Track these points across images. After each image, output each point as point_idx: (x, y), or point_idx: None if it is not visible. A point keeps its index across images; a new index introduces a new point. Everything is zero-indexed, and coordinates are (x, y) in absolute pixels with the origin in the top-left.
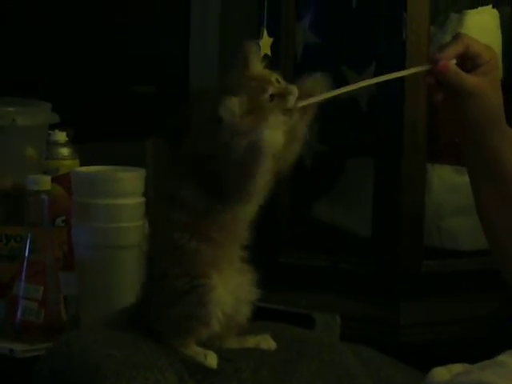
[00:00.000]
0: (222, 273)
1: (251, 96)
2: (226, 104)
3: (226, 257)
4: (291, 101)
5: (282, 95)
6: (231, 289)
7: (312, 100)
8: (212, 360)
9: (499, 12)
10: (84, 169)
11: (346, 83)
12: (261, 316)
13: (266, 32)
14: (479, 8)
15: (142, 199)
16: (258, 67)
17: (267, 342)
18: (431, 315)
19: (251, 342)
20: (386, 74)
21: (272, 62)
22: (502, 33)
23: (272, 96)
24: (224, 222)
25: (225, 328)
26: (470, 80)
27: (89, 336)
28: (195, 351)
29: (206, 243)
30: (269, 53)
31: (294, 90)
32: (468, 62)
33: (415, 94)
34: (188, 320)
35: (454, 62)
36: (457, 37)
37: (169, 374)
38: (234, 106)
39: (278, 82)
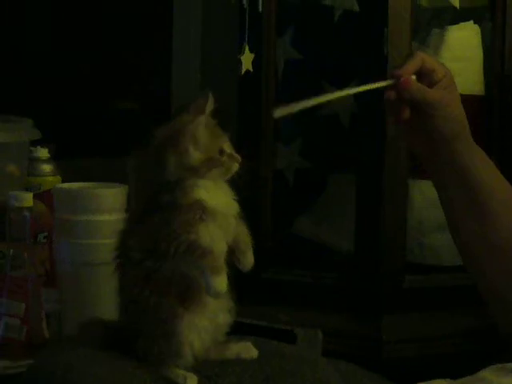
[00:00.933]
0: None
1: (210, 137)
2: (193, 124)
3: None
4: (235, 166)
5: (231, 156)
6: (208, 314)
7: (287, 110)
8: (192, 382)
9: (480, 27)
10: (66, 185)
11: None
12: (243, 331)
13: (247, 48)
14: (460, 23)
15: (123, 215)
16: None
17: (248, 351)
18: (414, 331)
19: (233, 350)
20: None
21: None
22: (483, 48)
23: (222, 152)
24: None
25: (203, 350)
26: (433, 93)
27: (71, 354)
28: (175, 373)
29: (166, 296)
30: (250, 68)
31: (239, 159)
32: (425, 78)
33: None
34: (162, 353)
35: (414, 77)
36: (412, 54)
37: None
38: (199, 127)
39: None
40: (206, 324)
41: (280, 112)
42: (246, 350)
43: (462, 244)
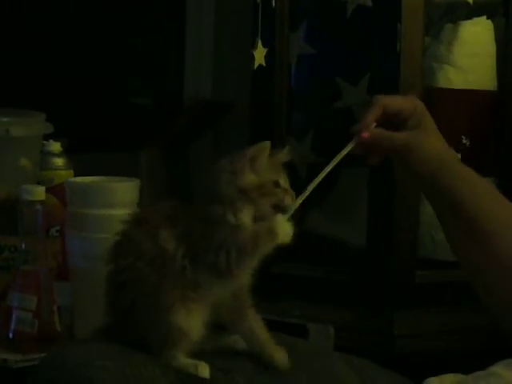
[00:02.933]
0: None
1: (270, 167)
2: (257, 146)
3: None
4: (288, 199)
5: (285, 191)
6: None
7: (299, 200)
8: (204, 370)
9: (493, 23)
10: (78, 179)
11: (340, 94)
12: None
13: (260, 42)
14: (474, 19)
15: (136, 209)
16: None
17: (242, 342)
18: (425, 325)
19: (228, 341)
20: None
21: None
22: (496, 44)
23: (278, 185)
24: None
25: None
26: (398, 137)
27: (82, 347)
28: (185, 363)
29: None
30: (263, 63)
31: (294, 196)
32: (392, 120)
33: None
34: (158, 344)
35: (374, 125)
36: (373, 101)
37: None
38: (262, 152)
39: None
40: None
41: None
42: (239, 341)
43: (470, 271)
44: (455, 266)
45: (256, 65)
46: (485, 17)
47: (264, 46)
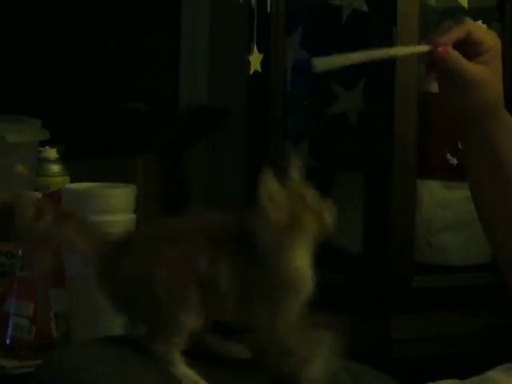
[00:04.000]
0: None
1: (290, 194)
2: (264, 185)
3: None
4: (328, 217)
5: (317, 211)
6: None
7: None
8: None
9: (489, 27)
10: (74, 185)
11: (335, 100)
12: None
13: (256, 48)
14: None
15: (132, 216)
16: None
17: (242, 353)
18: (422, 331)
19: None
20: (376, 89)
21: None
22: None
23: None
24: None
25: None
26: (471, 68)
27: (79, 353)
28: (184, 374)
29: None
30: (259, 69)
31: (330, 205)
32: (469, 48)
33: (405, 109)
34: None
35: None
36: (459, 21)
37: None
38: (270, 186)
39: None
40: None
41: (322, 64)
42: (240, 351)
43: (486, 220)
44: (453, 271)
45: (252, 70)
46: (480, 21)
47: (259, 51)
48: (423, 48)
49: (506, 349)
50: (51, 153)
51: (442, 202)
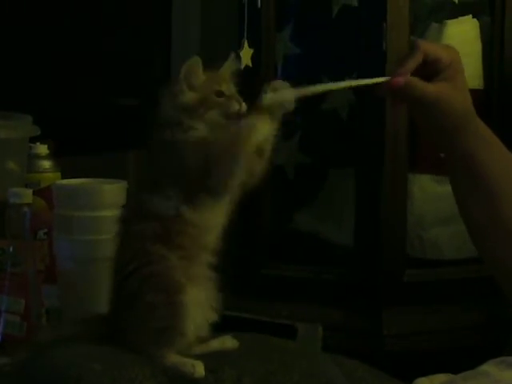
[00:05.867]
0: (193, 281)
1: (208, 79)
2: (190, 62)
3: (197, 266)
4: (234, 106)
5: (229, 98)
6: (202, 297)
7: (278, 97)
8: (200, 369)
9: (479, 22)
10: (65, 181)
11: (327, 93)
12: (243, 327)
13: (246, 43)
14: (459, 18)
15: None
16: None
17: (230, 342)
18: (414, 325)
19: (216, 344)
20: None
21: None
22: (482, 42)
23: (221, 94)
24: (194, 229)
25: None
26: (431, 89)
27: (72, 350)
28: (181, 361)
29: (177, 254)
30: (249, 64)
31: (241, 100)
32: (428, 68)
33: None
34: (165, 332)
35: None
36: (414, 46)
37: None
38: (195, 66)
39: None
40: (203, 299)
41: (270, 99)
42: (227, 341)
43: (474, 232)
44: (444, 265)
45: (243, 65)
46: (470, 16)
47: (250, 46)
48: (380, 79)
49: (498, 342)
50: (42, 149)
51: (433, 196)
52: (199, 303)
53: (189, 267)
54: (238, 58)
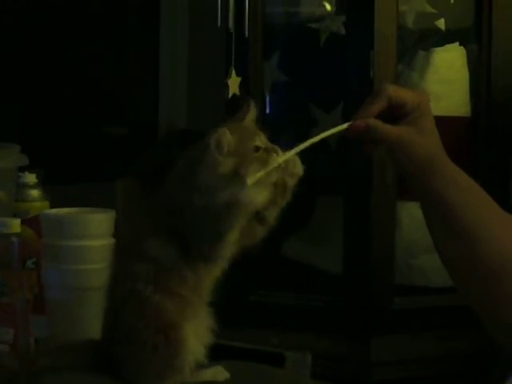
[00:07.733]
0: (190, 320)
1: (240, 139)
2: (216, 133)
3: (192, 308)
4: (274, 158)
5: (266, 150)
6: (200, 334)
7: (287, 155)
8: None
9: (466, 49)
10: (54, 211)
11: (315, 121)
12: (231, 355)
13: (234, 71)
14: (446, 45)
15: (111, 240)
16: (250, 122)
17: (222, 374)
18: (402, 352)
19: (208, 375)
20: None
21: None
22: (469, 70)
23: (258, 149)
24: (188, 278)
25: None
26: (393, 132)
27: (59, 379)
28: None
29: (169, 297)
30: (237, 92)
31: (278, 149)
32: (394, 111)
33: None
34: (161, 369)
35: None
36: (379, 91)
37: None
38: (222, 136)
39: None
40: (201, 328)
41: (252, 179)
42: (219, 373)
43: (452, 271)
44: (433, 293)
45: (230, 94)
46: (457, 43)
47: (238, 75)
48: (343, 126)
49: (485, 370)
50: (30, 178)
51: (422, 223)
52: (197, 334)
53: (184, 309)
54: (226, 86)
